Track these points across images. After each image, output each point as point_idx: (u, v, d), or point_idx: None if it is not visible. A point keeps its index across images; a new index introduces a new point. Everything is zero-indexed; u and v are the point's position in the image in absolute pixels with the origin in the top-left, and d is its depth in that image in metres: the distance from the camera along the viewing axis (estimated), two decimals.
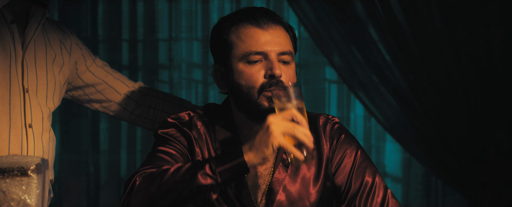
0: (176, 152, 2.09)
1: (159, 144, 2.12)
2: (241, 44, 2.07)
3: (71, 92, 2.60)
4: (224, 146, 2.13)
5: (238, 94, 2.08)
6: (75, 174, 3.70)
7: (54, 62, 2.44)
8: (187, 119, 2.16)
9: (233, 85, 2.09)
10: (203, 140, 2.13)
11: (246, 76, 2.06)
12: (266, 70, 2.06)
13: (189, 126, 2.14)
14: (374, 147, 3.76)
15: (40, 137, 2.39)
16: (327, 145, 2.19)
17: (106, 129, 3.70)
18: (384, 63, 3.43)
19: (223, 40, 2.10)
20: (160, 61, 3.70)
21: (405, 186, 3.78)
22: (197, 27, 3.70)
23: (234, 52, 2.08)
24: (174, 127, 2.14)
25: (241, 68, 2.07)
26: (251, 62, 2.06)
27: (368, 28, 3.42)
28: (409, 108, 3.44)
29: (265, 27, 2.07)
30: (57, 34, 2.49)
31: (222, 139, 2.13)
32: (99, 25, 3.66)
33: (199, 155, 2.12)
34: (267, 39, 2.07)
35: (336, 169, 2.18)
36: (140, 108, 2.63)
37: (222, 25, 2.12)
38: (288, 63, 2.09)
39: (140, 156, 3.72)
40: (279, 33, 2.09)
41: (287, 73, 2.08)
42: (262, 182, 2.13)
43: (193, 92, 3.73)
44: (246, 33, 2.07)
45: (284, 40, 2.09)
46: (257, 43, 2.06)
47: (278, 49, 2.07)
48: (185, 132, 2.13)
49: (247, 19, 2.09)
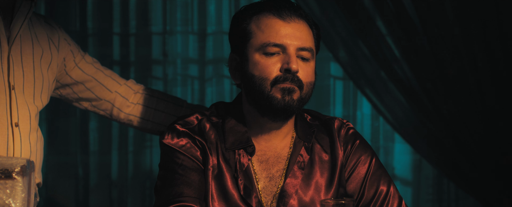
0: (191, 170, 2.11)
1: (171, 161, 2.14)
2: (260, 34, 2.09)
3: (59, 90, 2.60)
4: (234, 147, 2.14)
5: (251, 85, 2.10)
6: (63, 176, 3.69)
7: (41, 59, 2.45)
8: (196, 123, 2.18)
9: (246, 75, 2.11)
10: (213, 144, 2.15)
11: (261, 67, 2.08)
12: (283, 63, 2.07)
13: (201, 133, 2.16)
14: (382, 148, 3.76)
15: (27, 137, 2.39)
16: (341, 150, 2.21)
17: (96, 128, 3.70)
18: (393, 58, 3.43)
19: (242, 29, 2.12)
20: (153, 56, 3.69)
21: (415, 190, 3.78)
22: (193, 20, 3.70)
23: (251, 42, 2.10)
24: (186, 137, 2.15)
25: (257, 58, 2.09)
26: (268, 53, 2.08)
27: (376, 20, 3.42)
28: (420, 106, 3.45)
29: (287, 19, 2.09)
30: (45, 29, 2.49)
31: (233, 140, 2.15)
32: (88, 17, 3.65)
33: (210, 164, 2.13)
34: (288, 31, 2.09)
35: (349, 176, 2.20)
36: (132, 107, 2.64)
37: (244, 14, 2.14)
38: (307, 60, 2.11)
39: (132, 158, 3.72)
40: (301, 27, 2.11)
41: (305, 71, 2.09)
42: (273, 184, 2.15)
43: (189, 89, 3.73)
44: (266, 23, 2.10)
45: (306, 35, 2.11)
46: (276, 35, 2.08)
47: (298, 44, 2.08)
48: (199, 142, 2.15)
49: (270, 9, 2.11)
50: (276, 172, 2.16)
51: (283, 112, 2.09)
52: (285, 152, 2.18)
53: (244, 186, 2.12)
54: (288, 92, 2.06)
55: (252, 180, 2.13)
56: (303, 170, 2.16)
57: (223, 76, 3.74)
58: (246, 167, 2.14)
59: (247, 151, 2.14)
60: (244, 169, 2.13)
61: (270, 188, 2.15)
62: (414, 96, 3.44)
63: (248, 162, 2.14)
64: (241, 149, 2.14)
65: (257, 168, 2.16)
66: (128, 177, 3.72)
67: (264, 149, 2.17)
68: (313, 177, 2.17)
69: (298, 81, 2.07)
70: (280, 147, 2.18)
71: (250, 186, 2.12)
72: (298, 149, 2.19)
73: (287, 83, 2.06)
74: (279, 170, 2.17)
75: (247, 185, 2.12)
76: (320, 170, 2.18)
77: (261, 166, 2.16)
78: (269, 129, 2.14)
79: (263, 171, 2.15)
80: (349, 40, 3.49)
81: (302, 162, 2.17)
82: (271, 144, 2.17)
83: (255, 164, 2.16)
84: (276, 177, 2.16)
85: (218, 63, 3.73)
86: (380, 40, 3.43)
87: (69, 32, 2.67)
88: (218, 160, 2.14)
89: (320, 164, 2.19)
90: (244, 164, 2.13)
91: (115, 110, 2.63)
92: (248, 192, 2.12)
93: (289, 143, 2.19)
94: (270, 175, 2.16)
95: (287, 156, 2.18)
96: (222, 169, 2.13)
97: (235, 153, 2.14)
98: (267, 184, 2.15)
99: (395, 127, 3.59)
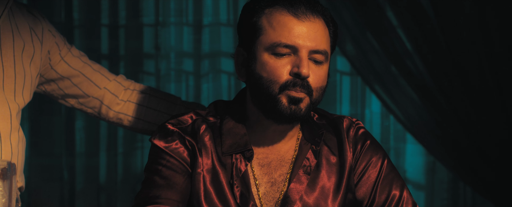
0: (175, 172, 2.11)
1: (155, 162, 2.14)
2: (271, 32, 2.08)
3: (44, 86, 2.59)
4: (231, 151, 2.13)
5: (257, 86, 2.09)
6: (47, 180, 3.70)
7: (23, 52, 2.44)
8: (189, 123, 2.17)
9: (253, 75, 2.10)
10: (207, 147, 2.14)
11: (269, 68, 2.07)
12: (293, 66, 2.06)
13: (193, 133, 2.15)
14: (393, 149, 3.77)
15: (7, 138, 2.38)
16: (350, 152, 2.20)
17: (83, 128, 3.70)
18: (405, 52, 3.44)
19: (252, 23, 2.11)
20: (145, 49, 3.70)
21: (428, 194, 3.79)
22: (188, 10, 3.70)
23: (261, 39, 2.09)
24: (174, 137, 2.15)
25: (266, 59, 2.08)
26: (278, 54, 2.07)
27: (386, 11, 3.42)
28: (433, 103, 3.45)
29: (302, 18, 2.07)
30: (27, 19, 2.48)
31: (230, 143, 2.14)
32: (74, 7, 3.65)
33: (200, 166, 2.12)
34: (301, 31, 2.07)
35: (359, 180, 2.19)
36: (121, 104, 2.63)
37: (256, 5, 2.12)
38: (320, 63, 2.09)
39: (121, 160, 3.72)
40: (317, 27, 2.08)
41: (317, 75, 2.07)
42: (275, 189, 2.14)
43: (183, 85, 3.73)
44: (279, 20, 2.08)
45: (321, 36, 2.09)
46: (288, 34, 2.06)
47: (311, 46, 2.07)
48: (188, 142, 2.14)
49: (284, 4, 2.09)
50: (279, 176, 2.15)
51: (289, 121, 2.09)
52: (289, 155, 2.17)
53: (240, 194, 2.11)
54: (295, 101, 2.06)
55: (249, 187, 2.11)
56: (309, 175, 2.15)
57: (220, 71, 3.74)
58: (243, 173, 2.13)
59: (245, 155, 2.13)
60: (241, 175, 2.12)
61: (272, 194, 2.14)
62: (427, 93, 3.44)
63: (245, 168, 2.13)
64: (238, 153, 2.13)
65: (257, 172, 2.14)
66: (117, 180, 3.72)
67: (267, 151, 2.16)
68: (319, 182, 2.16)
69: (308, 87, 2.06)
70: (284, 149, 2.17)
71: (247, 194, 2.11)
72: (304, 152, 2.17)
73: (296, 89, 2.05)
74: (282, 175, 2.16)
75: (243, 193, 2.11)
76: (327, 173, 2.17)
77: (262, 170, 2.15)
78: (273, 131, 2.14)
79: (264, 176, 2.14)
80: (357, 32, 3.49)
81: (308, 166, 2.16)
82: (274, 147, 2.16)
83: (256, 168, 2.15)
84: (279, 182, 2.15)
85: (214, 57, 3.73)
86: (390, 32, 3.43)
87: (54, 23, 2.66)
88: (213, 164, 2.13)
89: (327, 167, 2.18)
90: (241, 169, 2.12)
91: (103, 108, 2.62)
92: (245, 200, 2.10)
93: (294, 145, 2.18)
94: (272, 180, 2.15)
95: (291, 160, 2.17)
96: (218, 174, 2.13)
97: (232, 158, 2.13)
98: (269, 190, 2.14)
99: (407, 126, 3.59)
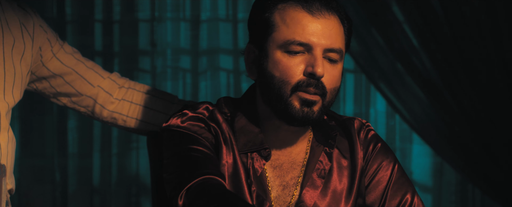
0: (208, 149, 2.07)
1: (183, 143, 2.08)
2: (284, 29, 2.07)
3: (35, 84, 2.58)
4: (247, 149, 2.12)
5: (269, 86, 2.08)
6: (38, 182, 3.70)
7: (13, 48, 2.43)
8: (206, 114, 2.16)
9: (265, 74, 2.09)
10: (227, 140, 2.14)
11: (282, 67, 2.06)
12: (307, 65, 2.05)
13: (216, 122, 2.14)
14: (399, 150, 3.78)
15: None
16: (361, 154, 2.20)
17: (76, 128, 3.70)
18: (411, 48, 3.44)
19: (264, 19, 2.10)
20: (140, 46, 3.70)
21: (436, 196, 3.80)
22: (185, 5, 3.70)
23: (274, 36, 2.08)
24: (199, 121, 2.13)
25: (279, 57, 2.07)
26: (291, 52, 2.06)
27: (391, 6, 3.42)
28: (441, 102, 3.45)
29: (316, 14, 2.06)
30: (17, 14, 2.47)
31: (244, 141, 2.14)
32: (67, 2, 3.66)
33: (224, 158, 2.12)
34: (316, 29, 2.06)
35: (369, 183, 2.20)
36: (116, 103, 2.63)
37: (268, 0, 2.12)
38: (334, 62, 2.08)
39: (116, 161, 3.73)
40: (332, 24, 2.07)
41: (331, 74, 2.07)
42: (287, 193, 2.14)
43: (180, 83, 3.74)
44: (293, 16, 2.07)
45: (336, 34, 2.08)
46: (302, 32, 2.06)
47: (326, 44, 2.06)
48: (213, 129, 2.13)
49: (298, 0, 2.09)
50: (291, 180, 2.15)
51: (301, 123, 2.09)
52: (300, 157, 2.17)
53: (257, 195, 2.11)
54: (308, 104, 2.06)
55: (266, 188, 2.12)
56: (324, 179, 2.15)
57: (218, 68, 3.75)
58: (260, 173, 2.13)
59: (261, 155, 2.13)
60: (258, 175, 2.12)
61: (284, 198, 2.14)
62: (434, 91, 3.45)
63: (263, 167, 2.13)
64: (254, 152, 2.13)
65: (270, 174, 2.15)
66: (111, 182, 3.73)
67: (278, 153, 2.16)
68: (331, 186, 2.17)
69: (322, 87, 2.06)
70: (295, 151, 2.17)
71: (264, 195, 2.11)
72: (317, 154, 2.18)
73: (309, 90, 2.05)
74: (293, 178, 2.16)
75: (260, 194, 2.11)
76: (338, 177, 2.18)
77: (274, 172, 2.15)
78: (286, 130, 2.14)
79: (276, 179, 2.14)
80: (361, 28, 3.49)
81: (322, 170, 2.16)
82: (286, 148, 2.16)
83: (268, 170, 2.15)
84: (290, 186, 2.15)
85: (213, 54, 3.74)
86: (396, 28, 3.42)
87: (45, 19, 2.66)
88: (234, 158, 2.13)
89: (338, 171, 2.18)
90: (258, 169, 2.13)
91: (97, 107, 2.62)
92: (261, 201, 2.11)
93: (305, 148, 2.18)
94: (283, 183, 2.15)
95: (303, 163, 2.17)
96: (238, 170, 2.13)
97: (247, 156, 2.13)
98: (280, 193, 2.14)
99: (413, 126, 3.60)
